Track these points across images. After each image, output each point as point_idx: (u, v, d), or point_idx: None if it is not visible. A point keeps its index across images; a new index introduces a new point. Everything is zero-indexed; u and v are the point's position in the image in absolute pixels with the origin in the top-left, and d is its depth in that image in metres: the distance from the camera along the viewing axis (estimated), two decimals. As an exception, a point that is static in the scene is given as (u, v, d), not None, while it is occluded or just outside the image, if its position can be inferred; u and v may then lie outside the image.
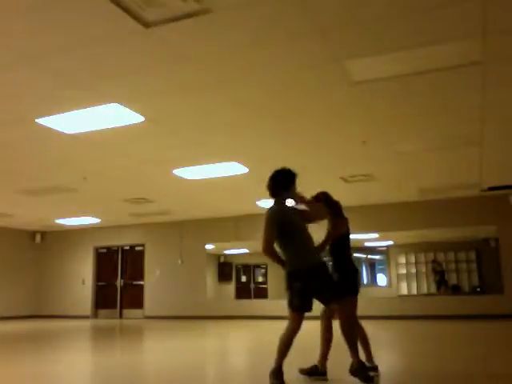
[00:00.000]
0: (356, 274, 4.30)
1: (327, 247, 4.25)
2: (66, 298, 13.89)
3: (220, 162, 7.05)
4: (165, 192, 9.25)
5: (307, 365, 4.10)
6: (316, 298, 3.77)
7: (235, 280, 17.19)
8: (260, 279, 17.32)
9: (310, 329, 4.21)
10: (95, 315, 13.60)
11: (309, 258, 3.82)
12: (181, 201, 10.20)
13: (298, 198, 4.11)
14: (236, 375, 4.63)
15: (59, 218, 12.12)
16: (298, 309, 3.71)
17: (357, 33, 3.55)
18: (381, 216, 10.90)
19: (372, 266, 16.52)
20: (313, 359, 4.13)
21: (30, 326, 11.14)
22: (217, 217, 12.26)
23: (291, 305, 3.72)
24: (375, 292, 15.48)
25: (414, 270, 15.19)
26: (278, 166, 7.07)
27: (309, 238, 3.91)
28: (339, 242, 4.27)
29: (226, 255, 16.77)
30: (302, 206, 4.12)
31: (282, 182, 4.02)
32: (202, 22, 3.31)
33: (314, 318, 3.96)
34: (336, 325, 3.92)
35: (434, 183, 8.88)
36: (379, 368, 4.15)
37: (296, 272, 3.76)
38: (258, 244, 3.93)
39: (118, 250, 13.86)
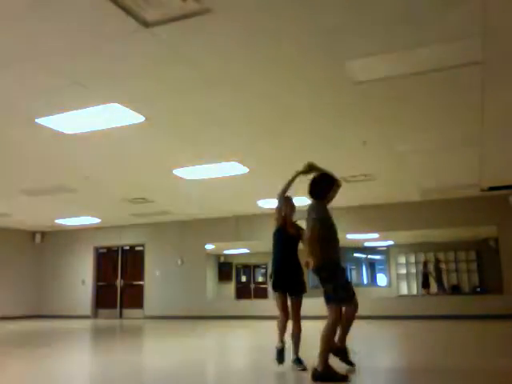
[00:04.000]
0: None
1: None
2: (66, 298, 13.89)
3: (220, 161, 7.05)
4: (165, 192, 9.24)
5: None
6: None
7: (235, 280, 17.17)
8: (260, 279, 17.30)
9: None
10: (95, 315, 13.59)
11: None
12: (181, 201, 10.20)
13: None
14: (236, 375, 4.62)
15: (59, 217, 12.12)
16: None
17: (357, 33, 3.54)
18: (381, 216, 10.90)
19: (372, 265, 16.51)
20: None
21: (30, 326, 11.14)
22: (217, 217, 12.25)
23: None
24: (375, 292, 15.46)
25: (413, 270, 15.18)
26: (278, 165, 7.14)
27: None
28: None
29: (226, 255, 16.75)
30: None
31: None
32: (201, 21, 3.31)
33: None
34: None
35: (434, 183, 8.87)
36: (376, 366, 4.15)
37: None
38: (258, 244, 3.95)
39: (117, 250, 13.86)
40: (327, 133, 5.89)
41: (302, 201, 4.90)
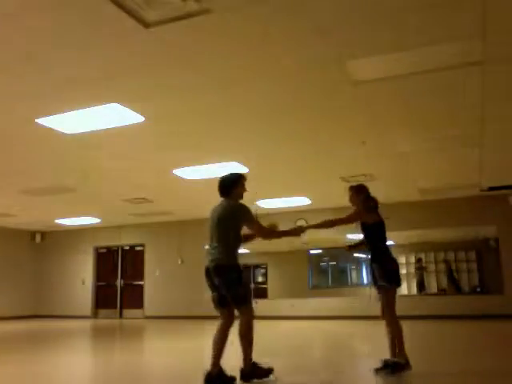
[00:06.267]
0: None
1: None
2: (66, 297, 13.89)
3: (220, 162, 7.05)
4: (165, 192, 9.24)
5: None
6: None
7: (235, 280, 17.16)
8: (260, 279, 17.30)
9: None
10: (95, 315, 13.59)
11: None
12: (181, 201, 10.20)
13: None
14: (235, 375, 4.61)
15: (59, 217, 12.12)
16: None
17: (357, 33, 3.55)
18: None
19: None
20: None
21: (30, 326, 11.14)
22: (217, 217, 12.22)
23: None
24: (375, 292, 15.44)
25: (414, 270, 15.19)
26: (278, 165, 7.15)
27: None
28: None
29: (226, 255, 16.75)
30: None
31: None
32: (202, 22, 3.31)
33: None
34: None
35: (434, 183, 8.87)
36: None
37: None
38: (258, 244, 3.95)
39: (117, 250, 13.86)
40: (327, 132, 5.88)
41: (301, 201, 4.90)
